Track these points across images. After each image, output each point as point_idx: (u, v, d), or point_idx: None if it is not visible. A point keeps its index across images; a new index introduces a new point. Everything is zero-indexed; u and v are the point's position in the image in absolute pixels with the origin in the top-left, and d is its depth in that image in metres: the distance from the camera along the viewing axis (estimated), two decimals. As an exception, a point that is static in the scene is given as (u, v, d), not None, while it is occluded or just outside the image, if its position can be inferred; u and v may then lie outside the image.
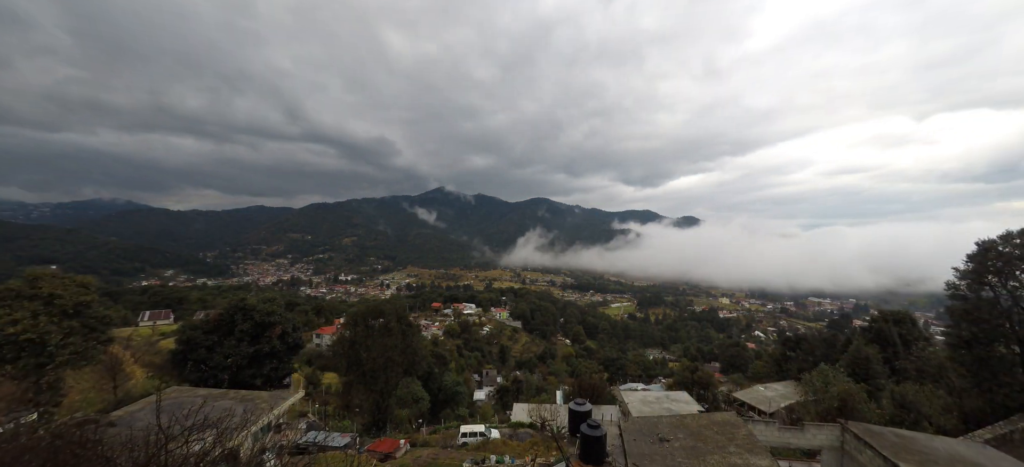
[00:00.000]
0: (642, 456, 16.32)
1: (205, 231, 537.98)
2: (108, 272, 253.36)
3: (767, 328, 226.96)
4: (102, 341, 36.39)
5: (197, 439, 11.46)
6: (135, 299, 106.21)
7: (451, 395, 64.51)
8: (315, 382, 59.47)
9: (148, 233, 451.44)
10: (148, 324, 69.42)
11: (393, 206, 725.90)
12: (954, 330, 27.97)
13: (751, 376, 67.98)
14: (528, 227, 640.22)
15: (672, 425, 19.49)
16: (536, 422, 32.78)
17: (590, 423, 17.79)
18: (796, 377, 48.55)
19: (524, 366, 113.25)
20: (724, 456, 16.09)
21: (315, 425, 37.62)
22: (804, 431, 23.42)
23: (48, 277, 33.94)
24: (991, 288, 26.30)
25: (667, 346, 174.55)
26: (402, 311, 64.26)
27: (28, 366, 30.45)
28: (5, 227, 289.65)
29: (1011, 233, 26.32)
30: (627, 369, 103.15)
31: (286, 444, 28.93)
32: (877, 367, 40.56)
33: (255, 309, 45.07)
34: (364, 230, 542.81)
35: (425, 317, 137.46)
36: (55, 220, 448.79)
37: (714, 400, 54.13)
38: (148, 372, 44.43)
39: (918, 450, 19.29)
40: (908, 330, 48.06)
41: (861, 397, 32.27)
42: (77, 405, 33.92)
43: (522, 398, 61.11)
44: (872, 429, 21.92)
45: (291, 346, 48.24)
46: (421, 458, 30.03)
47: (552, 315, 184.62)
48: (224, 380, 40.33)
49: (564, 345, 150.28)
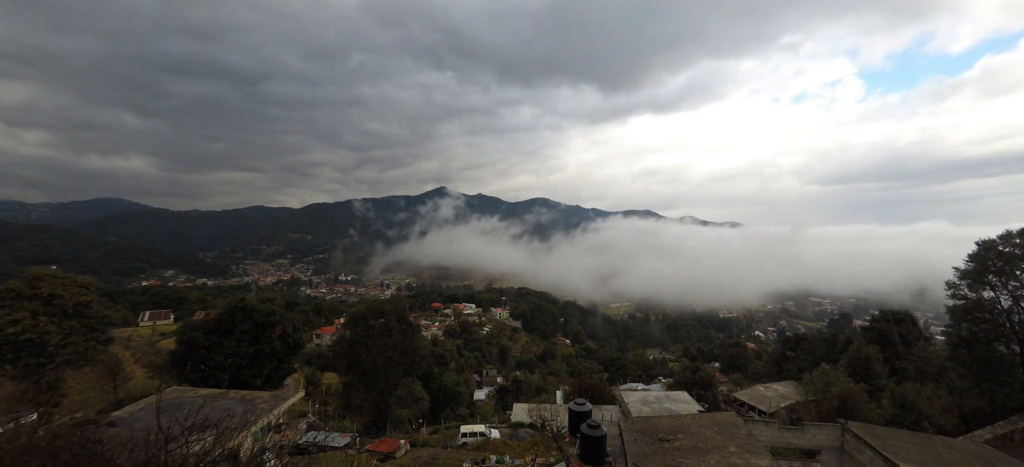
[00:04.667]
0: (642, 456, 16.31)
1: (205, 231, 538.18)
2: (108, 272, 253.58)
3: (767, 328, 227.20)
4: (102, 341, 36.40)
5: (197, 439, 11.45)
6: (135, 299, 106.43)
7: (451, 395, 64.53)
8: (315, 382, 59.49)
9: (148, 233, 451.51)
10: (148, 324, 69.43)
11: (394, 206, 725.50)
12: (954, 330, 27.98)
13: (751, 376, 67.93)
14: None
15: (672, 425, 19.48)
16: (536, 422, 32.81)
17: (590, 423, 17.76)
18: (796, 377, 48.56)
19: (524, 366, 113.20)
20: (724, 456, 16.07)
21: (315, 425, 37.67)
22: (804, 431, 23.40)
23: (48, 277, 33.94)
24: (991, 288, 26.30)
25: (667, 346, 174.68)
26: (402, 311, 64.28)
27: (28, 366, 30.45)
28: (5, 227, 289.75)
29: (1011, 233, 26.33)
30: (627, 369, 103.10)
31: (286, 444, 28.96)
32: (877, 367, 40.52)
33: (255, 309, 45.05)
34: (364, 230, 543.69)
35: (425, 317, 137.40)
36: (55, 220, 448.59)
37: (714, 400, 54.11)
38: (148, 372, 44.44)
39: (918, 450, 19.29)
40: (908, 330, 48.03)
41: (861, 397, 32.27)
42: (77, 405, 33.90)
43: (522, 398, 61.15)
44: (872, 429, 21.92)
45: (291, 346, 48.23)
46: (421, 458, 30.07)
47: (552, 315, 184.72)
48: (224, 380, 40.28)
49: (564, 345, 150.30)
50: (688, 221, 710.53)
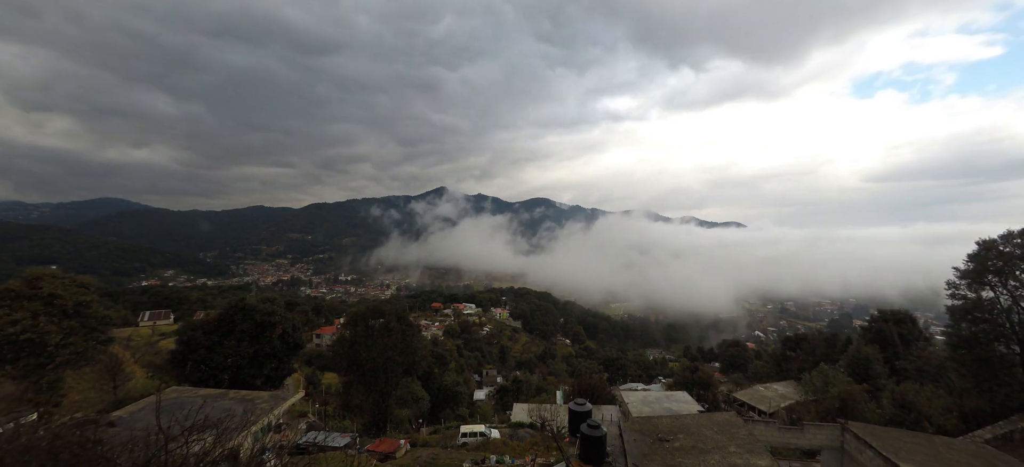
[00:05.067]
0: (642, 456, 16.32)
1: (205, 231, 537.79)
2: (108, 272, 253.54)
3: (767, 328, 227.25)
4: (102, 341, 36.40)
5: (197, 439, 11.46)
6: (135, 299, 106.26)
7: (451, 395, 64.52)
8: (315, 382, 59.50)
9: (148, 233, 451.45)
10: (148, 324, 69.37)
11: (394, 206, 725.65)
12: (954, 330, 27.97)
13: (751, 376, 67.90)
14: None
15: (672, 425, 19.48)
16: (536, 422, 32.78)
17: (590, 423, 17.79)
18: (796, 377, 48.52)
19: (524, 366, 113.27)
20: (724, 456, 16.08)
21: (315, 425, 37.67)
22: (804, 431, 23.40)
23: (48, 277, 33.94)
24: (991, 287, 26.30)
25: (667, 346, 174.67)
26: (402, 311, 64.28)
27: (28, 366, 30.44)
28: (5, 227, 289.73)
29: (1012, 232, 26.33)
30: (627, 369, 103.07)
31: (286, 444, 28.97)
32: (877, 367, 40.51)
33: (255, 309, 45.07)
34: (364, 230, 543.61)
35: (425, 317, 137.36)
36: (55, 220, 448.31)
37: (714, 400, 54.09)
38: (148, 372, 44.43)
39: (918, 450, 19.30)
40: (908, 330, 48.02)
41: (861, 397, 32.25)
42: (77, 405, 33.90)
43: (522, 398, 61.09)
44: (872, 429, 21.92)
45: (291, 346, 48.25)
46: (421, 458, 30.04)
47: (552, 315, 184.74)
48: (224, 380, 40.33)
49: (564, 345, 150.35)
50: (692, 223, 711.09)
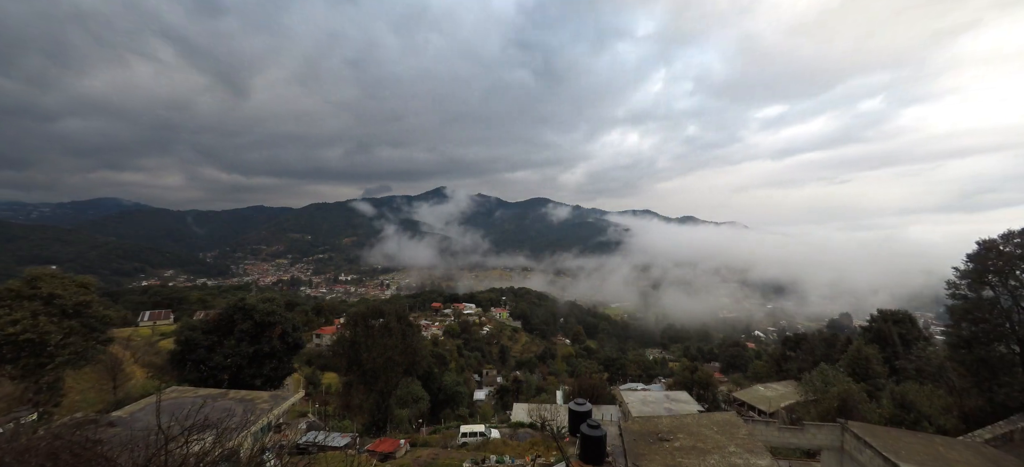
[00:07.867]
0: (642, 456, 16.31)
1: (205, 231, 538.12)
2: (108, 272, 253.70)
3: (767, 328, 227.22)
4: (102, 341, 36.43)
5: (197, 439, 11.46)
6: (135, 299, 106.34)
7: (451, 395, 64.55)
8: (315, 382, 59.51)
9: (148, 233, 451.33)
10: (148, 324, 69.47)
11: (394, 206, 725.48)
12: (954, 330, 27.97)
13: (751, 376, 67.97)
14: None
15: (672, 425, 19.48)
16: (536, 422, 32.82)
17: (590, 423, 17.82)
18: (796, 377, 48.56)
19: (524, 366, 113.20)
20: (724, 456, 16.08)
21: (315, 425, 37.62)
22: (804, 431, 23.41)
23: (48, 277, 33.96)
24: (991, 287, 26.30)
25: (667, 346, 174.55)
26: (402, 311, 64.27)
27: (28, 366, 30.48)
28: (5, 227, 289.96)
29: (1012, 232, 26.35)
30: (627, 369, 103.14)
31: (286, 444, 28.95)
32: (877, 367, 40.56)
33: (255, 309, 45.04)
34: (364, 229, 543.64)
35: (425, 317, 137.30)
36: (55, 220, 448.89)
37: (714, 400, 54.16)
38: (148, 372, 44.50)
39: (918, 450, 19.30)
40: (908, 330, 48.07)
41: (861, 397, 32.27)
42: (77, 405, 33.94)
43: (522, 398, 61.18)
44: (872, 429, 21.92)
45: (291, 346, 48.24)
46: (421, 458, 30.04)
47: (552, 315, 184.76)
48: (224, 380, 40.30)
49: (564, 345, 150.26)
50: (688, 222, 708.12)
